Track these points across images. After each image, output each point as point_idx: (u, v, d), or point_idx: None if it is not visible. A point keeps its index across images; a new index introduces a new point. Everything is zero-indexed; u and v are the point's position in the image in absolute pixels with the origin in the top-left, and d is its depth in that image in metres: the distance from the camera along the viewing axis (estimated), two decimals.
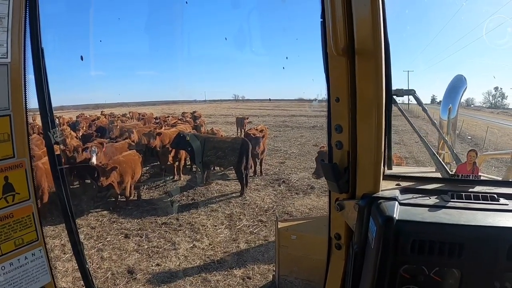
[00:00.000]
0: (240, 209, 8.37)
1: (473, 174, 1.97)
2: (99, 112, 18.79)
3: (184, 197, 9.11)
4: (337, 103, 1.71)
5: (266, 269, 5.86)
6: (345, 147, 1.74)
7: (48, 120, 1.82)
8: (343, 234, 1.88)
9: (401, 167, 4.46)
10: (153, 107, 23.04)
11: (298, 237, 4.78)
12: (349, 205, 1.77)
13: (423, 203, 1.66)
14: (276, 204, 8.68)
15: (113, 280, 5.66)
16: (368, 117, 1.65)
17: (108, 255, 6.40)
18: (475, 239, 1.47)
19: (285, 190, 9.55)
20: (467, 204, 1.63)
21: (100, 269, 5.94)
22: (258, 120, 22.25)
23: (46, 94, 1.79)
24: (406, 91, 1.93)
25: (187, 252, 6.52)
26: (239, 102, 30.88)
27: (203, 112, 21.61)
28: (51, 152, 1.87)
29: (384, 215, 1.55)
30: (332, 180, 1.76)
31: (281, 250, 4.94)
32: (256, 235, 7.11)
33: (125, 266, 6.04)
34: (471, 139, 13.13)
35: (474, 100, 20.17)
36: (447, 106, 2.25)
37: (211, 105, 29.25)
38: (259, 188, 9.77)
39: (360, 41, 1.59)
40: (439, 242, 1.48)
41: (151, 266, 6.06)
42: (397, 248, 1.51)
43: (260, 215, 8.05)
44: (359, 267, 1.67)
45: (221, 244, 6.84)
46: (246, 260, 6.18)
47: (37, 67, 1.72)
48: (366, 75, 1.62)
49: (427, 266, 1.52)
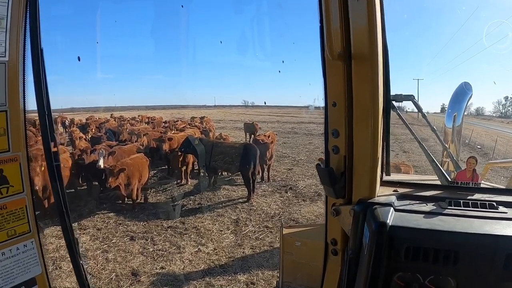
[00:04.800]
0: (247, 215, 8.34)
1: (473, 182, 1.92)
2: (109, 115, 18.99)
3: (190, 201, 9.11)
4: (334, 107, 1.70)
5: (271, 275, 5.81)
6: (341, 152, 1.74)
7: (45, 118, 1.85)
8: (340, 240, 1.87)
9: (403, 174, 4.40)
10: (162, 111, 23.23)
11: (303, 244, 4.70)
12: (345, 210, 1.76)
13: (419, 209, 1.64)
14: (282, 210, 8.62)
15: (117, 281, 5.67)
16: (364, 122, 1.64)
17: (113, 256, 6.42)
18: (471, 247, 1.44)
19: (292, 196, 9.49)
20: (465, 212, 1.60)
21: (104, 270, 5.95)
22: (267, 126, 22.23)
23: (45, 93, 1.82)
24: (405, 97, 1.90)
25: (192, 256, 6.50)
26: (249, 108, 30.94)
27: (213, 118, 21.73)
28: (48, 149, 1.90)
29: (378, 220, 1.53)
30: (328, 185, 1.75)
31: (285, 256, 4.87)
32: (262, 241, 7.06)
33: (129, 268, 6.04)
34: (480, 148, 12.93)
35: (484, 110, 19.89)
36: (452, 114, 2.21)
37: (221, 111, 29.40)
38: (266, 194, 9.72)
39: (356, 45, 1.58)
40: (434, 249, 1.45)
41: (155, 269, 6.05)
42: (391, 254, 1.49)
43: (266, 221, 8.00)
44: (353, 274, 1.65)
45: (226, 249, 6.80)
46: (251, 266, 6.14)
47: (36, 67, 1.76)
48: (362, 79, 1.61)
49: (422, 273, 1.50)
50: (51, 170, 1.91)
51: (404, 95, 1.89)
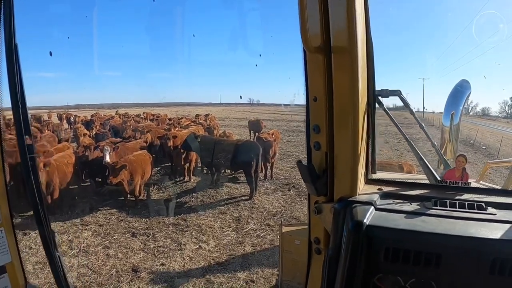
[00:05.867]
0: (248, 212, 8.33)
1: (462, 181, 1.86)
2: (114, 112, 19.05)
3: (193, 199, 9.11)
4: (315, 102, 1.65)
5: (270, 273, 5.80)
6: (323, 148, 1.68)
7: (19, 112, 1.86)
8: (322, 239, 1.81)
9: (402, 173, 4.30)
10: (168, 109, 23.24)
11: (302, 243, 4.69)
12: (326, 208, 1.71)
13: (401, 209, 1.59)
14: (284, 208, 8.60)
15: (117, 277, 5.69)
16: (345, 118, 1.59)
17: (114, 252, 6.46)
18: (453, 249, 1.38)
19: (294, 195, 9.44)
20: (450, 213, 1.54)
21: (105, 266, 5.99)
22: (271, 124, 22.13)
23: (19, 89, 1.82)
24: (391, 92, 1.84)
25: (193, 253, 6.52)
26: (254, 106, 30.84)
27: (218, 115, 21.68)
28: (22, 141, 1.90)
29: (354, 219, 1.49)
30: (309, 182, 1.70)
31: (285, 255, 4.86)
32: (263, 239, 7.05)
33: (130, 264, 6.08)
34: (485, 149, 12.76)
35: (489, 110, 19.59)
36: (449, 112, 2.14)
37: (226, 108, 29.30)
38: (269, 192, 9.69)
39: (336, 38, 1.53)
40: (414, 251, 1.40)
41: (156, 266, 6.08)
42: (370, 255, 1.44)
43: (268, 219, 7.99)
44: (333, 273, 1.60)
45: (227, 246, 6.81)
46: (251, 264, 6.14)
47: (9, 62, 1.76)
48: (342, 73, 1.55)
49: (402, 276, 1.45)
50: (25, 162, 1.91)
51: (390, 90, 1.83)
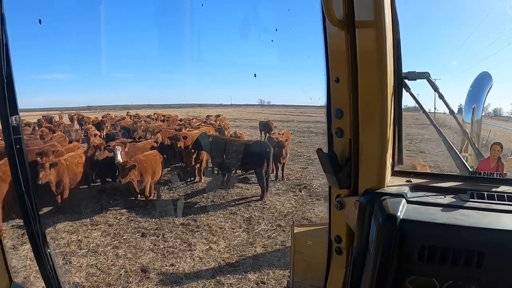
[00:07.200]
0: (259, 213, 8.20)
1: (498, 172, 1.65)
2: (125, 113, 19.14)
3: (203, 199, 9.03)
4: (337, 83, 1.48)
5: (281, 274, 5.66)
6: (346, 134, 1.50)
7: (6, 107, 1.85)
8: (344, 237, 1.65)
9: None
10: (179, 110, 23.30)
11: (314, 243, 4.53)
12: (350, 202, 1.54)
13: (436, 202, 1.40)
14: (296, 209, 8.45)
15: (126, 277, 5.63)
16: (372, 100, 1.41)
17: (123, 252, 6.40)
18: (498, 246, 1.19)
19: (306, 195, 9.28)
20: (490, 205, 1.36)
21: (114, 266, 5.92)
22: (282, 125, 21.98)
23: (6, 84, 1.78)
24: (419, 74, 1.62)
25: (203, 254, 6.42)
26: (265, 107, 30.69)
27: (228, 116, 21.65)
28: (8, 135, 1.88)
29: (386, 213, 1.30)
30: (330, 173, 1.53)
31: (296, 256, 4.70)
32: (274, 240, 6.92)
33: (139, 265, 6.01)
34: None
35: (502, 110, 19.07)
36: (471, 106, 1.94)
37: (237, 109, 29.24)
38: (280, 192, 9.55)
39: (360, 10, 1.35)
40: (453, 249, 1.21)
41: (165, 266, 6.00)
42: (402, 254, 1.25)
43: (279, 219, 7.85)
44: (358, 277, 1.42)
45: (237, 247, 6.70)
46: (262, 265, 6.01)
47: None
48: (368, 51, 1.37)
49: (438, 278, 1.25)
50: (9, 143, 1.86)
51: (418, 72, 1.62)
